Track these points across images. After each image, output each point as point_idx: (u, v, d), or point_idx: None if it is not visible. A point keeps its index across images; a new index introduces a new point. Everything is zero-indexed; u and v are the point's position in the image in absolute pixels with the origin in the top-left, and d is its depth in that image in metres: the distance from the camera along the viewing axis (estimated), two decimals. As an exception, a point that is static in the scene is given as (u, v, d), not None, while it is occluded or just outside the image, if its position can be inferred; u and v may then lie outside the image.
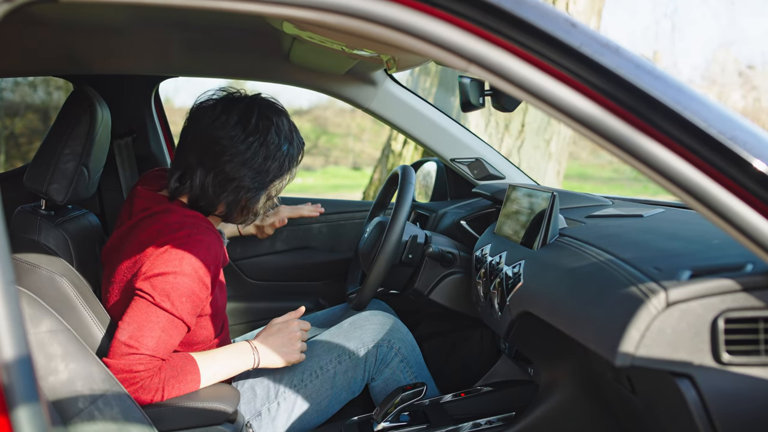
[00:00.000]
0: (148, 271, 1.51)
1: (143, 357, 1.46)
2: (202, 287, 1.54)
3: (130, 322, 1.48)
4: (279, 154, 1.63)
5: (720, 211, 0.92)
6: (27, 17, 1.44)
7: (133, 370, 1.45)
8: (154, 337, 1.48)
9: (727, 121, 0.92)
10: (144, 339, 1.47)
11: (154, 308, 1.49)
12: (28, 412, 0.78)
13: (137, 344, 1.46)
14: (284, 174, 1.67)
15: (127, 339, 1.46)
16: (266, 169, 1.62)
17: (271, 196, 1.70)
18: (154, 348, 1.48)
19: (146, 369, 1.46)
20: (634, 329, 1.01)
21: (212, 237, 1.58)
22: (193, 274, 1.51)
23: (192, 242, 1.53)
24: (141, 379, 1.46)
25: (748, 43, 27.21)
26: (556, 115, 0.94)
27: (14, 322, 0.79)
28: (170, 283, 1.49)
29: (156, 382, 1.48)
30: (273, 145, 1.62)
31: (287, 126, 1.66)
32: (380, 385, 1.87)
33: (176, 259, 1.50)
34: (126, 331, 1.47)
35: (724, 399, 1.02)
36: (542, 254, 1.51)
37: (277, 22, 1.52)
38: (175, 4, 0.88)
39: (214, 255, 1.56)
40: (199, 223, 1.59)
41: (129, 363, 1.45)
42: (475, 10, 0.89)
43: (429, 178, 2.68)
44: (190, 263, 1.51)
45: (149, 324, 1.48)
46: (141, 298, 1.50)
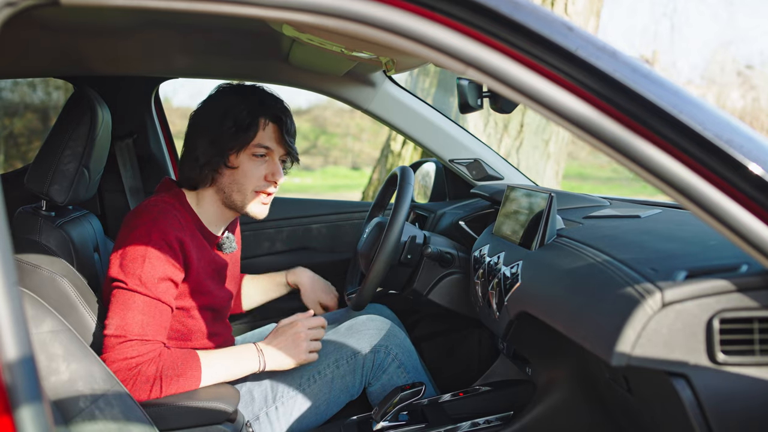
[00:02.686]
0: (119, 259, 1.57)
1: (133, 342, 1.51)
2: (169, 265, 1.59)
3: (112, 315, 1.53)
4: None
5: (715, 213, 0.93)
6: (29, 20, 1.45)
7: (128, 357, 1.49)
8: (137, 321, 1.53)
9: (723, 124, 0.93)
10: (128, 326, 1.52)
11: (130, 294, 1.54)
12: (31, 412, 0.79)
13: (123, 332, 1.51)
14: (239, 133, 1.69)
15: (113, 331, 1.51)
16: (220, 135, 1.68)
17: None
18: (140, 332, 1.52)
19: (140, 354, 1.50)
20: (631, 329, 1.02)
21: (170, 215, 1.62)
22: (158, 253, 1.56)
23: (152, 223, 1.59)
24: (138, 365, 1.49)
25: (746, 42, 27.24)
26: (553, 118, 0.95)
27: (17, 323, 0.80)
28: (138, 265, 1.55)
29: (153, 370, 1.50)
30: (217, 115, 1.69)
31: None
32: (377, 391, 1.87)
33: (140, 242, 1.56)
34: (111, 324, 1.52)
35: (719, 398, 1.03)
36: (540, 255, 1.52)
37: (276, 24, 1.53)
38: (176, 8, 0.89)
39: (174, 233, 1.60)
40: (161, 204, 1.65)
41: (121, 352, 1.49)
42: (472, 14, 0.90)
43: (428, 179, 2.69)
44: (153, 243, 1.56)
45: (129, 311, 1.53)
46: (116, 288, 1.55)
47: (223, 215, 1.77)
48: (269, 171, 1.72)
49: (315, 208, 2.66)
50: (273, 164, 1.73)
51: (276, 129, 1.72)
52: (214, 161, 1.68)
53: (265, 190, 1.73)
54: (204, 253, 1.72)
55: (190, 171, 1.71)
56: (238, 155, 1.69)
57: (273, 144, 1.72)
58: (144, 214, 1.61)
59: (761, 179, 0.91)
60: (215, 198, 1.74)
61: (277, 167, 1.73)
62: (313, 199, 2.74)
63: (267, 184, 1.73)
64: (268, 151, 1.71)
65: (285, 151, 1.74)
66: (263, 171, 1.71)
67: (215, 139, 1.67)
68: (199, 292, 1.70)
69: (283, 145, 1.73)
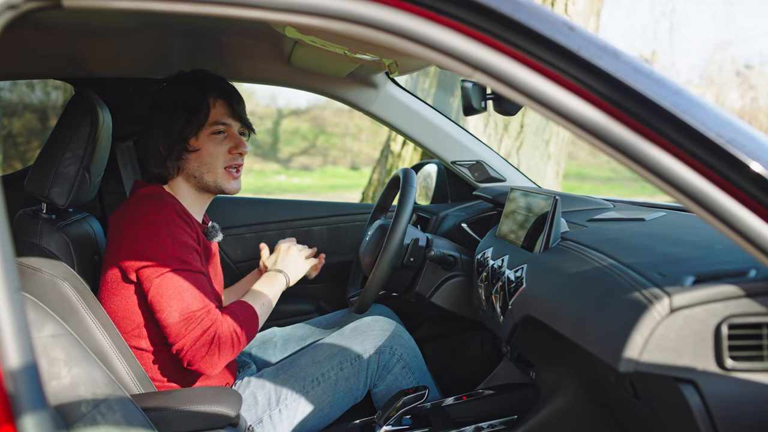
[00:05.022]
0: (130, 254, 1.59)
1: (200, 317, 1.57)
2: (190, 237, 1.65)
3: (168, 302, 1.57)
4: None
5: (720, 215, 0.92)
6: (30, 22, 1.44)
7: (204, 331, 1.56)
8: (194, 296, 1.58)
9: (725, 123, 0.92)
10: (190, 305, 1.57)
11: (173, 275, 1.58)
12: (34, 419, 0.78)
13: (189, 313, 1.56)
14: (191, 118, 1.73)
15: (179, 316, 1.56)
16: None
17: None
18: (200, 305, 1.58)
19: (212, 323, 1.57)
20: (638, 335, 1.02)
21: (163, 197, 1.69)
22: (177, 228, 1.62)
23: (157, 205, 1.64)
24: (215, 333, 1.57)
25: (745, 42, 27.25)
26: (557, 120, 0.94)
27: (20, 330, 0.79)
28: (169, 245, 1.59)
29: (227, 330, 1.59)
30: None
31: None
32: (382, 392, 1.87)
33: (156, 224, 1.60)
34: (173, 310, 1.56)
35: (727, 405, 1.02)
36: (544, 258, 1.52)
37: (279, 26, 1.52)
38: (178, 10, 0.88)
39: (170, 207, 1.65)
40: (149, 192, 1.71)
41: (196, 330, 1.56)
42: (474, 15, 0.89)
43: (429, 180, 2.68)
44: (169, 221, 1.62)
45: (184, 291, 1.58)
46: (158, 276, 1.58)
47: (199, 200, 1.81)
48: (232, 144, 1.78)
49: (316, 210, 2.65)
50: (233, 137, 1.78)
51: (225, 104, 1.77)
52: (176, 150, 1.73)
53: (234, 163, 1.79)
54: (198, 236, 1.74)
55: (155, 167, 1.76)
56: (198, 138, 1.74)
57: (227, 119, 1.77)
58: (143, 201, 1.65)
59: (764, 178, 0.90)
60: (187, 185, 1.78)
61: (238, 139, 1.78)
62: (314, 201, 2.73)
63: (233, 157, 1.78)
64: (225, 126, 1.76)
65: (240, 123, 1.80)
66: (226, 146, 1.77)
67: (172, 129, 1.72)
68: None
69: (236, 118, 1.78)
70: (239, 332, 1.62)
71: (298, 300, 2.53)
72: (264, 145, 17.17)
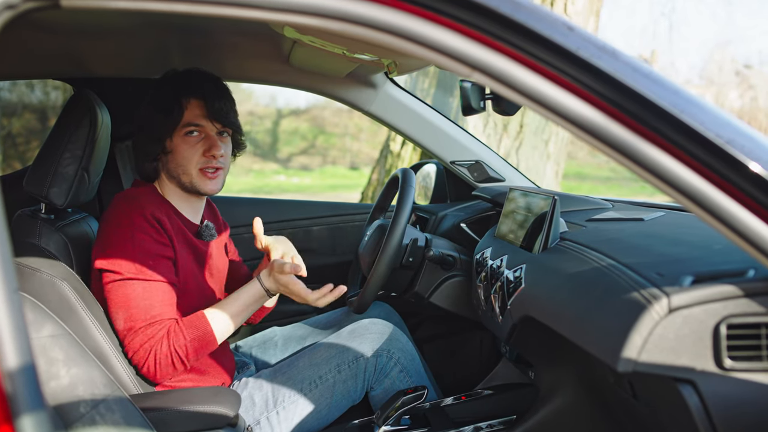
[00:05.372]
0: (105, 251, 1.60)
1: (141, 329, 1.56)
2: (158, 243, 1.62)
3: (116, 309, 1.58)
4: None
5: (720, 215, 0.92)
6: (29, 22, 1.44)
7: (142, 344, 1.55)
8: (141, 308, 1.57)
9: (724, 124, 0.92)
10: (134, 316, 1.57)
11: (128, 283, 1.58)
12: (32, 420, 0.78)
13: (131, 324, 1.57)
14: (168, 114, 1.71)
15: (122, 325, 1.57)
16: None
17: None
18: (145, 317, 1.57)
19: (150, 338, 1.56)
20: (637, 335, 1.02)
21: (143, 198, 1.66)
22: (143, 233, 1.60)
23: (129, 207, 1.62)
24: (151, 348, 1.56)
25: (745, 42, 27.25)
26: (556, 120, 0.94)
27: (18, 331, 0.79)
28: (128, 251, 1.58)
29: (165, 348, 1.57)
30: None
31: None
32: (380, 395, 1.86)
33: (122, 228, 1.59)
34: (118, 319, 1.58)
35: (726, 405, 1.02)
36: (543, 258, 1.52)
37: (277, 26, 1.52)
38: (177, 10, 0.88)
39: (150, 210, 1.63)
40: (133, 191, 1.70)
41: (135, 342, 1.56)
42: (473, 15, 0.89)
43: (429, 180, 2.68)
44: (136, 226, 1.60)
45: (132, 301, 1.57)
46: (113, 281, 1.58)
47: (188, 200, 1.79)
48: (206, 147, 1.72)
49: (315, 210, 2.65)
50: (209, 140, 1.72)
51: (200, 105, 1.71)
52: (152, 150, 1.72)
53: (208, 165, 1.73)
54: (184, 237, 1.73)
55: (141, 166, 1.76)
56: (172, 139, 1.71)
57: (201, 120, 1.71)
58: (119, 202, 1.65)
59: (763, 179, 0.89)
60: (172, 185, 1.77)
61: (213, 142, 1.72)
62: (313, 201, 2.73)
63: (207, 160, 1.72)
64: (199, 128, 1.72)
65: (219, 124, 1.73)
66: (200, 148, 1.72)
67: (148, 130, 1.72)
68: (184, 276, 1.71)
69: (212, 119, 1.72)
70: (180, 354, 1.58)
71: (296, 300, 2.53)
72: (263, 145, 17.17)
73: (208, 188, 1.74)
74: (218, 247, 1.93)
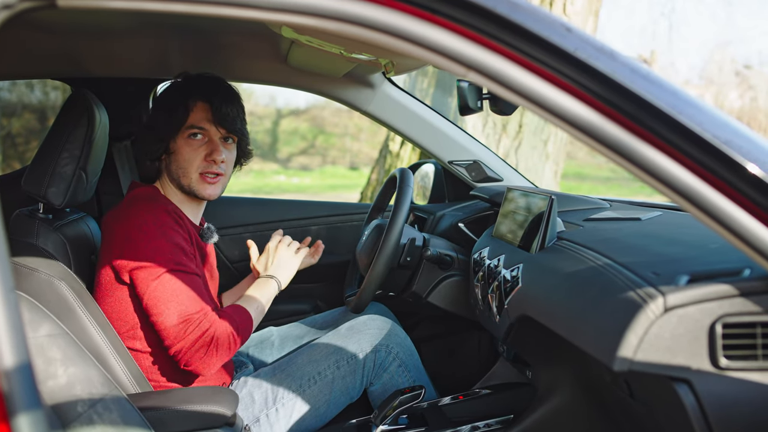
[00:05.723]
0: (125, 255, 1.59)
1: (197, 319, 1.57)
2: (183, 238, 1.65)
3: (166, 304, 1.56)
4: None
5: (716, 215, 0.93)
6: (26, 22, 1.44)
7: (203, 333, 1.56)
8: (191, 298, 1.58)
9: (722, 125, 0.92)
10: (187, 307, 1.57)
11: (170, 277, 1.57)
12: (28, 419, 0.78)
13: (187, 315, 1.56)
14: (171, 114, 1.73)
15: (177, 319, 1.56)
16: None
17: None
18: (197, 307, 1.58)
19: (210, 325, 1.58)
20: (632, 334, 1.02)
21: (157, 200, 1.69)
22: (171, 229, 1.62)
23: (150, 206, 1.64)
24: (212, 335, 1.57)
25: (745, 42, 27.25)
26: (552, 120, 0.94)
27: (14, 330, 0.79)
28: (164, 247, 1.59)
29: (223, 332, 1.59)
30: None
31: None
32: (378, 390, 1.87)
33: (150, 226, 1.59)
34: (170, 313, 1.56)
35: (721, 404, 1.02)
36: (540, 258, 1.52)
37: (275, 25, 1.53)
38: (173, 10, 0.88)
39: (162, 208, 1.65)
40: (143, 193, 1.72)
41: (194, 332, 1.56)
42: (470, 15, 0.89)
43: (427, 180, 2.68)
44: (162, 222, 1.61)
45: (181, 293, 1.57)
46: (155, 278, 1.57)
47: (189, 202, 1.80)
48: (207, 151, 1.72)
49: (314, 209, 2.65)
50: (212, 144, 1.72)
51: (206, 108, 1.72)
52: (155, 150, 1.73)
53: (209, 170, 1.73)
54: (191, 237, 1.73)
55: (142, 165, 1.78)
56: (176, 140, 1.72)
57: (205, 124, 1.72)
58: (136, 203, 1.65)
59: (761, 180, 0.90)
60: (172, 186, 1.77)
61: (215, 146, 1.72)
62: (311, 201, 2.73)
63: (208, 165, 1.72)
64: (202, 131, 1.72)
65: (224, 129, 1.73)
66: (202, 152, 1.72)
67: (152, 129, 1.72)
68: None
69: (216, 123, 1.72)
70: (235, 334, 1.63)
71: (296, 300, 2.53)
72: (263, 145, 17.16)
73: (207, 193, 1.74)
74: (213, 249, 1.94)
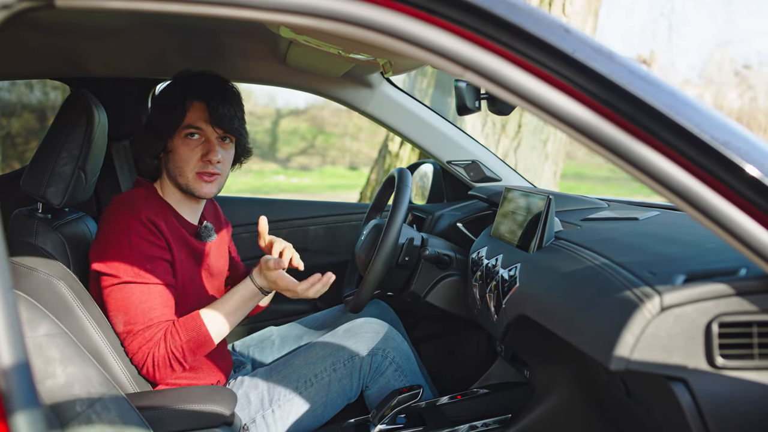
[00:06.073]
0: (103, 253, 1.61)
1: (140, 332, 1.58)
2: (155, 246, 1.63)
3: (116, 312, 1.60)
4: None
5: (713, 215, 0.93)
6: (24, 22, 1.44)
7: (141, 347, 1.58)
8: (139, 311, 1.59)
9: (720, 126, 0.92)
10: (133, 319, 1.59)
11: (126, 286, 1.59)
12: (26, 417, 0.78)
13: (131, 327, 1.59)
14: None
15: (122, 328, 1.59)
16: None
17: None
18: (144, 320, 1.59)
19: (148, 340, 1.58)
20: (629, 333, 1.02)
21: (139, 202, 1.67)
22: (140, 237, 1.61)
23: (126, 211, 1.63)
24: (149, 351, 1.58)
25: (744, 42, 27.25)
26: (550, 121, 0.94)
27: (13, 328, 0.79)
28: (126, 255, 1.60)
29: (163, 350, 1.59)
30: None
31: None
32: (375, 394, 1.87)
33: (120, 231, 1.61)
34: (118, 322, 1.60)
35: (718, 403, 1.02)
36: (538, 257, 1.52)
37: (273, 26, 1.53)
38: (170, 10, 0.88)
39: (146, 214, 1.64)
40: (130, 195, 1.71)
41: (134, 345, 1.58)
42: (467, 16, 0.89)
43: (425, 180, 2.68)
44: (132, 229, 1.61)
45: (131, 304, 1.59)
46: (112, 285, 1.60)
47: (186, 201, 1.79)
48: (204, 151, 1.71)
49: (313, 209, 2.65)
50: (208, 144, 1.72)
51: (203, 108, 1.71)
52: (153, 148, 1.73)
53: (205, 170, 1.72)
54: (182, 239, 1.73)
55: (142, 163, 1.77)
56: (173, 139, 1.72)
57: (202, 124, 1.71)
58: (116, 206, 1.66)
59: (759, 181, 0.90)
60: (171, 185, 1.77)
61: (211, 147, 1.71)
62: (310, 201, 2.73)
63: (204, 165, 1.72)
64: (199, 131, 1.71)
65: (221, 129, 1.72)
66: (199, 152, 1.71)
67: (151, 127, 1.73)
68: (182, 277, 1.72)
69: (213, 123, 1.71)
70: (179, 353, 1.61)
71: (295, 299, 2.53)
72: (263, 145, 17.16)
73: (203, 191, 1.74)
74: (218, 247, 1.92)
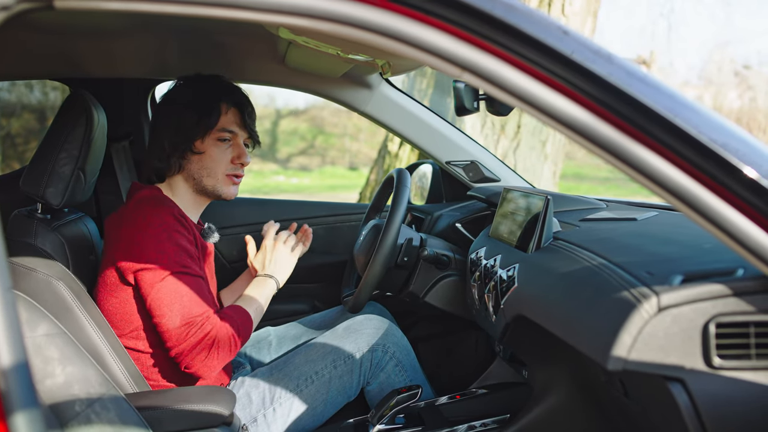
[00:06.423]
0: (129, 257, 1.60)
1: (200, 321, 1.59)
2: (189, 242, 1.66)
3: (169, 306, 1.58)
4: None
5: (711, 217, 0.93)
6: (24, 23, 1.45)
7: (205, 335, 1.58)
8: (195, 301, 1.59)
9: (718, 128, 0.92)
10: (191, 310, 1.58)
11: (174, 279, 1.59)
12: (25, 417, 0.79)
13: (190, 317, 1.58)
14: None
15: (180, 321, 1.57)
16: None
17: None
18: (200, 309, 1.60)
19: (212, 327, 1.59)
20: (626, 334, 1.02)
21: (163, 202, 1.68)
22: (177, 232, 1.63)
23: (157, 209, 1.64)
24: (213, 338, 1.59)
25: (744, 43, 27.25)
26: (548, 122, 0.94)
27: (12, 328, 0.79)
28: (170, 249, 1.60)
29: (224, 335, 1.61)
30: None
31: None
32: (375, 390, 1.88)
33: (156, 228, 1.61)
34: (173, 315, 1.58)
35: (715, 403, 1.02)
36: (536, 258, 1.52)
37: (272, 26, 1.53)
38: (169, 11, 0.89)
39: (168, 211, 1.66)
40: (148, 195, 1.71)
41: (197, 335, 1.57)
42: (465, 17, 0.89)
43: (424, 180, 2.69)
44: (169, 225, 1.62)
45: (185, 296, 1.59)
46: (160, 280, 1.58)
47: (197, 202, 1.82)
48: (235, 154, 1.79)
49: (312, 209, 2.66)
50: (238, 147, 1.80)
51: (237, 113, 1.79)
52: (181, 148, 1.75)
53: (235, 173, 1.81)
54: (196, 239, 1.74)
55: (158, 161, 1.77)
56: (203, 141, 1.75)
57: (236, 128, 1.78)
58: (140, 205, 1.65)
59: (756, 183, 0.90)
60: (186, 185, 1.79)
61: (242, 150, 1.80)
62: (310, 201, 2.73)
63: (235, 167, 1.80)
64: (232, 135, 1.78)
65: (247, 134, 1.81)
66: (230, 155, 1.79)
67: (180, 127, 1.74)
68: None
69: (245, 129, 1.80)
70: (236, 336, 1.64)
71: (293, 300, 2.54)
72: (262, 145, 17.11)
73: (230, 192, 1.81)
74: (212, 249, 1.95)
